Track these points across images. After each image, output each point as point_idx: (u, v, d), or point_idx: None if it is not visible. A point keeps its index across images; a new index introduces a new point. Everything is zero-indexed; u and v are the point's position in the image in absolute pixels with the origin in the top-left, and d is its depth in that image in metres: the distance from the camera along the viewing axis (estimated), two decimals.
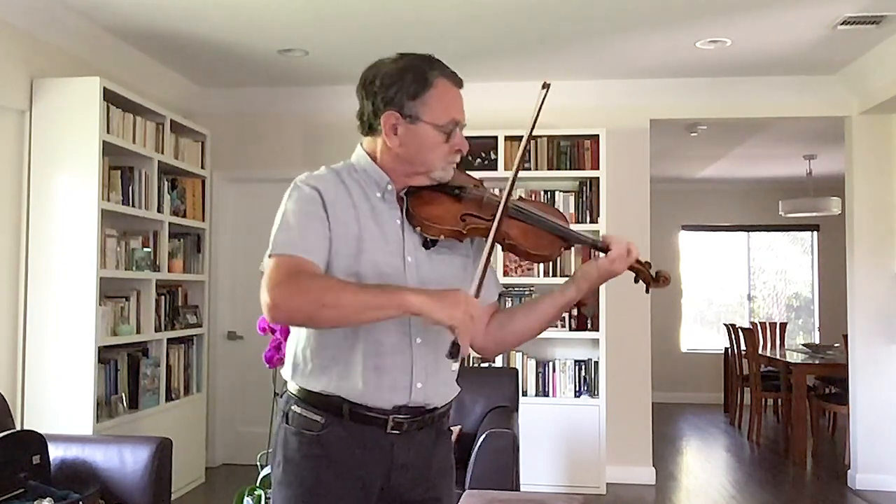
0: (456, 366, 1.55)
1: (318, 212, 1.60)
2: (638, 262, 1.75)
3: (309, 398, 1.65)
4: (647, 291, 1.84)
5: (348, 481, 1.63)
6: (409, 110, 1.64)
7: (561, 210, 5.21)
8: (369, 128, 1.70)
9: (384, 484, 1.66)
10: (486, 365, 5.28)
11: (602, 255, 1.73)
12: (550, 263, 5.24)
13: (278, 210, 1.62)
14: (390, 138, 1.65)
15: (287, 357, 1.72)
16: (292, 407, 1.67)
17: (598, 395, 5.16)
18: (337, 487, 1.63)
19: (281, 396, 1.73)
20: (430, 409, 1.70)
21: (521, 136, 6.05)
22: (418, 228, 1.66)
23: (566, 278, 1.77)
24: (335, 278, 1.58)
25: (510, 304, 5.28)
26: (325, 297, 1.50)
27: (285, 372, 1.72)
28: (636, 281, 1.80)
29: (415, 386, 1.64)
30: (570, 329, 5.25)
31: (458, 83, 1.73)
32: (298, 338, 1.68)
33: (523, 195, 5.28)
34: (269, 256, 1.56)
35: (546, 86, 1.70)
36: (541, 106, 1.69)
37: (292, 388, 1.69)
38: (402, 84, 1.64)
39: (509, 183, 1.66)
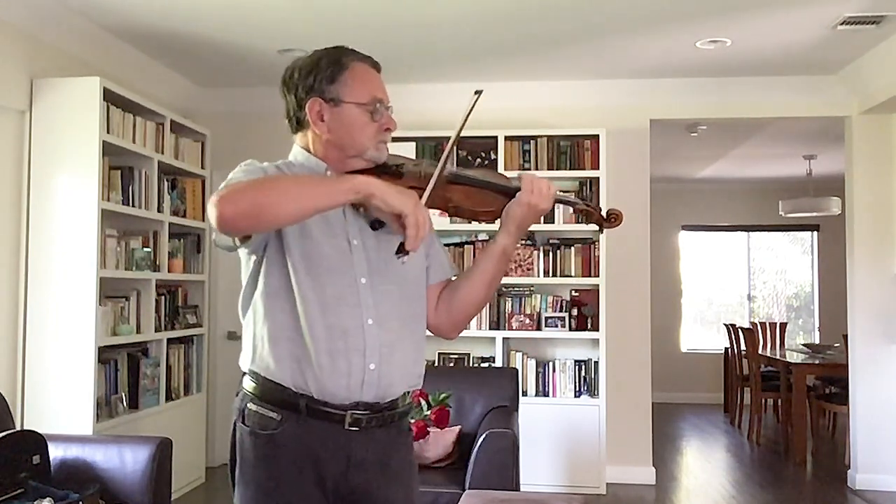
0: (405, 259, 1.53)
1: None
2: (587, 205, 1.80)
3: (265, 395, 1.63)
4: (600, 231, 1.88)
5: (306, 480, 1.61)
6: (329, 94, 1.66)
7: (560, 210, 5.26)
8: (298, 123, 1.72)
9: (342, 482, 1.64)
10: (485, 365, 5.29)
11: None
12: (550, 264, 5.24)
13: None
14: (318, 126, 1.67)
15: (243, 347, 1.70)
16: (248, 405, 1.65)
17: (598, 395, 5.16)
18: (295, 487, 1.61)
19: (237, 395, 1.71)
20: (390, 407, 1.68)
21: (522, 137, 6.03)
22: (361, 209, 1.65)
23: (567, 278, 1.78)
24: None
25: (510, 305, 5.28)
26: (271, 185, 1.51)
27: (242, 362, 1.70)
28: (587, 222, 1.84)
29: (368, 367, 1.62)
30: (570, 329, 5.25)
31: (375, 66, 1.73)
32: (255, 325, 1.66)
33: None
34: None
35: (478, 92, 1.71)
36: (470, 111, 1.70)
37: (248, 385, 1.67)
38: (318, 70, 1.67)
39: (444, 155, 1.67)
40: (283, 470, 1.62)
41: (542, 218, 1.81)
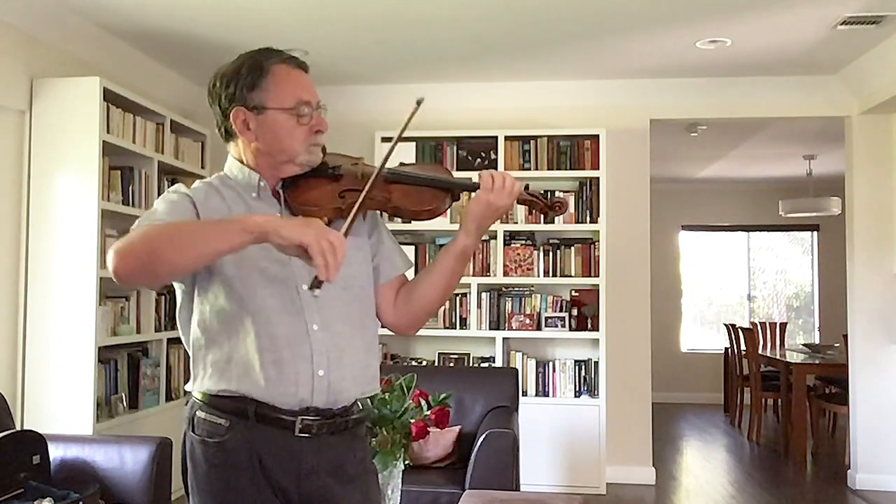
0: (318, 293, 1.44)
1: (188, 210, 1.58)
2: (531, 195, 1.73)
3: (213, 401, 1.59)
4: (546, 220, 1.89)
5: (260, 488, 1.57)
6: (252, 101, 1.62)
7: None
8: (226, 133, 1.68)
9: (295, 490, 1.59)
10: (485, 365, 5.29)
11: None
12: (550, 264, 5.24)
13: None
14: (245, 135, 1.64)
15: (191, 369, 1.66)
16: (196, 412, 1.62)
17: (598, 395, 5.16)
18: (249, 495, 1.57)
19: (186, 403, 1.68)
20: (343, 412, 1.64)
21: (522, 137, 6.04)
22: (299, 216, 1.62)
23: (567, 278, 1.77)
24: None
25: (510, 305, 5.28)
26: (162, 233, 1.42)
27: (189, 385, 1.66)
28: (530, 211, 1.84)
29: (316, 374, 1.58)
30: (570, 329, 5.25)
31: (301, 66, 1.68)
32: (193, 346, 1.63)
33: None
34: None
35: (419, 101, 1.69)
36: (410, 118, 1.69)
37: (196, 393, 1.63)
38: (238, 79, 1.63)
39: (385, 156, 1.65)
40: (235, 477, 1.58)
41: (502, 217, 1.76)
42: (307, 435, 1.59)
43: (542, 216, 1.84)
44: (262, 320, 1.57)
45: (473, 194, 1.71)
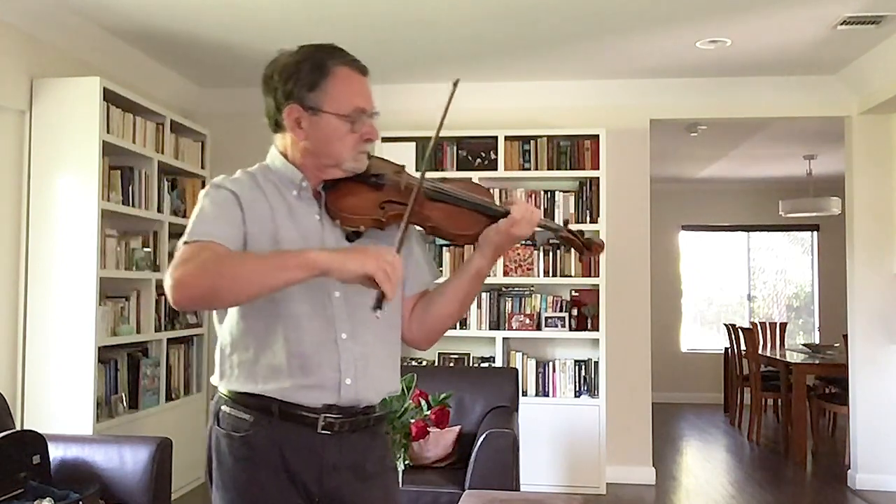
0: (379, 314, 1.47)
1: (234, 210, 1.59)
2: (570, 232, 1.75)
3: (238, 398, 1.62)
4: (580, 259, 1.87)
5: (282, 483, 1.60)
6: (309, 102, 1.60)
7: (560, 210, 5.26)
8: (276, 124, 1.67)
9: (317, 486, 1.61)
10: (485, 365, 5.29)
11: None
12: (550, 263, 5.23)
13: (195, 208, 1.61)
14: (296, 132, 1.63)
15: (215, 365, 1.68)
16: (222, 407, 1.65)
17: (598, 395, 5.16)
18: (271, 489, 1.60)
19: (212, 398, 1.71)
20: (365, 411, 1.66)
21: (522, 137, 6.04)
22: (338, 221, 1.64)
23: (567, 278, 1.77)
24: (236, 251, 1.54)
25: (510, 305, 5.28)
26: (224, 267, 1.45)
27: (214, 378, 1.68)
28: (567, 250, 1.83)
29: (343, 382, 1.60)
30: (570, 329, 5.24)
31: (362, 70, 1.66)
32: (222, 344, 1.65)
33: (514, 193, 5.28)
34: (184, 244, 1.53)
35: (456, 83, 1.67)
36: (448, 103, 1.66)
37: (223, 389, 1.66)
38: (299, 76, 1.60)
39: (423, 167, 1.64)
40: (259, 472, 1.60)
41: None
42: (329, 432, 1.61)
43: (578, 254, 1.82)
44: (292, 325, 1.58)
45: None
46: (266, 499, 1.60)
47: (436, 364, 5.33)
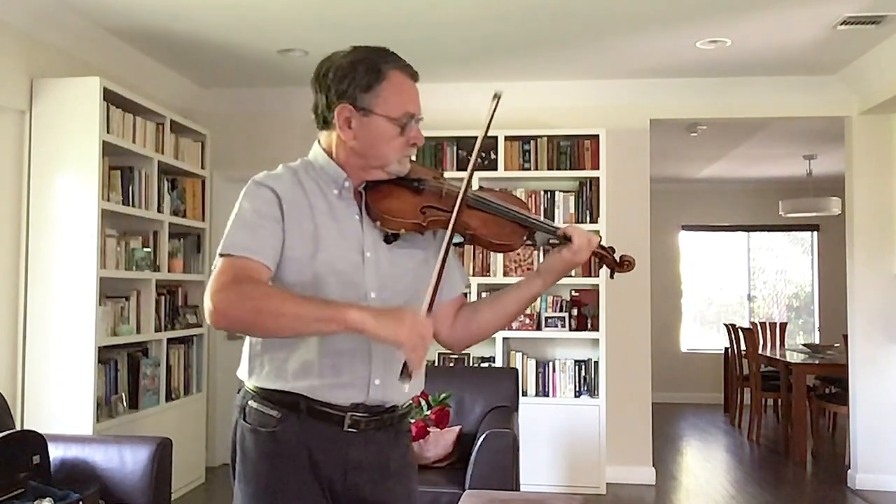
0: (407, 387, 1.54)
1: (273, 212, 1.59)
2: (601, 247, 1.77)
3: (267, 394, 1.64)
4: (611, 276, 1.87)
5: (306, 479, 1.62)
6: (361, 103, 1.62)
7: (560, 210, 5.26)
8: (324, 122, 1.68)
9: (341, 482, 1.64)
10: (485, 365, 5.29)
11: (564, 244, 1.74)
12: None
13: (235, 206, 1.62)
14: (344, 132, 1.64)
15: (243, 358, 1.70)
16: (249, 402, 1.66)
17: (598, 395, 5.16)
18: (295, 485, 1.61)
19: (238, 391, 1.71)
20: (390, 409, 1.69)
21: (522, 137, 6.03)
22: (378, 223, 1.65)
23: (567, 278, 1.78)
24: (279, 288, 1.57)
25: None
26: (266, 305, 1.48)
27: (241, 373, 1.69)
28: (599, 266, 1.83)
29: (373, 383, 1.63)
30: (570, 329, 5.24)
31: (414, 76, 1.70)
32: (253, 341, 1.67)
33: (519, 195, 5.28)
34: (220, 255, 1.55)
35: (497, 95, 1.70)
36: (491, 116, 1.70)
37: (249, 384, 1.67)
38: (354, 76, 1.62)
39: (468, 174, 1.65)
40: (283, 467, 1.62)
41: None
42: (355, 430, 1.64)
43: (609, 271, 1.83)
44: None
45: (547, 240, 1.74)
46: (288, 493, 1.61)
47: (436, 364, 5.32)
